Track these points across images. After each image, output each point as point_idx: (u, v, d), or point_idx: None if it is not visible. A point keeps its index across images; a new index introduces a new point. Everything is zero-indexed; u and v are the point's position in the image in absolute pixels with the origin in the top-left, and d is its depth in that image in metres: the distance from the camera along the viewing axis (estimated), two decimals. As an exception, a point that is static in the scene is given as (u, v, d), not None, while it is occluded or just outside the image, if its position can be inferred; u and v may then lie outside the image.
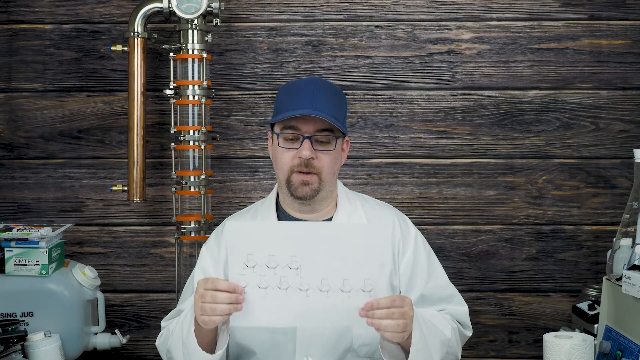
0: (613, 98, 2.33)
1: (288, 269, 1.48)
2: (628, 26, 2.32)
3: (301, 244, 1.48)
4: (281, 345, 1.71)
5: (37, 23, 2.35)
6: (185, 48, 2.19)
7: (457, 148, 2.35)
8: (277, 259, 1.48)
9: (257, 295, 1.50)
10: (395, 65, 2.34)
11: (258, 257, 1.48)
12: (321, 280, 1.48)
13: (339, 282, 1.48)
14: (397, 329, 1.48)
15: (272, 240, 1.48)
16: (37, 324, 2.04)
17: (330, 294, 1.48)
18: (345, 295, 1.48)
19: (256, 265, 1.48)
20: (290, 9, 2.34)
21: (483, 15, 2.33)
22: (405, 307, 1.50)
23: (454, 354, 1.70)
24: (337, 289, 1.48)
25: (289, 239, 1.48)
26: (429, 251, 1.82)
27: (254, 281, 1.49)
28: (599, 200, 2.35)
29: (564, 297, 2.37)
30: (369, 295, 1.48)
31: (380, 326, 1.48)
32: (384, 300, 1.48)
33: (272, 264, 1.48)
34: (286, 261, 1.48)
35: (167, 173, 2.34)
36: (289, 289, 1.49)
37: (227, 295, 1.49)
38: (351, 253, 1.47)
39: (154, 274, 2.40)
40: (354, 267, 1.47)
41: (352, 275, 1.48)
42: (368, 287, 1.48)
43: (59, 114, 2.37)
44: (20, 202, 2.39)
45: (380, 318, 1.47)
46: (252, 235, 1.49)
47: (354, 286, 1.48)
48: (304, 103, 1.66)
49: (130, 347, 2.39)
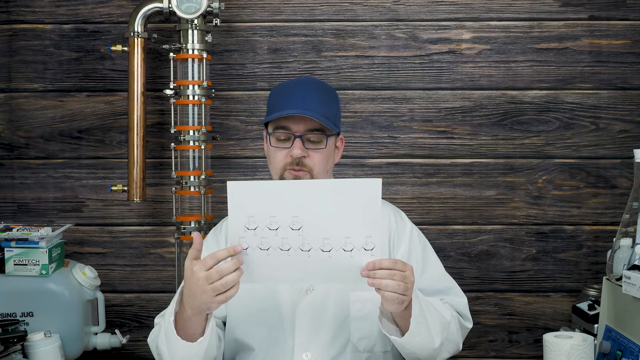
0: (613, 98, 2.33)
1: (290, 230, 1.46)
2: (628, 26, 2.32)
3: (302, 203, 1.46)
4: (280, 341, 1.71)
5: (37, 23, 2.35)
6: (185, 48, 2.19)
7: (457, 148, 2.35)
8: (278, 220, 1.46)
9: (259, 256, 1.48)
10: (395, 65, 2.34)
11: (259, 218, 1.47)
12: (323, 240, 1.47)
13: (340, 241, 1.47)
14: (397, 289, 1.46)
15: (273, 201, 1.47)
16: (37, 324, 2.04)
17: (333, 254, 1.47)
18: (348, 254, 1.47)
19: (257, 227, 1.47)
20: (290, 9, 2.34)
21: (483, 15, 2.33)
22: (407, 271, 1.49)
23: (454, 342, 1.69)
24: (339, 249, 1.47)
25: (290, 199, 1.46)
26: (425, 244, 1.82)
27: (255, 243, 1.48)
28: (599, 200, 2.35)
29: (564, 297, 2.37)
30: (370, 254, 1.47)
31: (381, 285, 1.46)
32: (386, 261, 1.48)
33: (274, 225, 1.47)
34: (287, 222, 1.46)
35: (167, 173, 2.34)
36: (291, 249, 1.48)
37: (231, 263, 1.47)
38: (351, 209, 1.46)
39: (154, 274, 2.40)
40: (354, 224, 1.46)
41: (354, 233, 1.46)
42: (370, 244, 1.47)
43: (59, 114, 2.37)
44: (20, 202, 2.39)
45: (381, 278, 1.47)
46: (254, 194, 1.47)
47: (356, 244, 1.47)
48: (294, 103, 1.69)
49: (130, 347, 2.39)
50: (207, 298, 1.48)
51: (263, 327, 1.72)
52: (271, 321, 1.72)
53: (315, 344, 1.70)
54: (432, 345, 1.59)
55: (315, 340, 1.70)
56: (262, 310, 1.73)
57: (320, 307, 1.71)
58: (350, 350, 1.72)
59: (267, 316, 1.73)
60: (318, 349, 1.70)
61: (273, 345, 1.72)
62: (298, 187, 1.50)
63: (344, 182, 1.51)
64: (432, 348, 1.60)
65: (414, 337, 1.56)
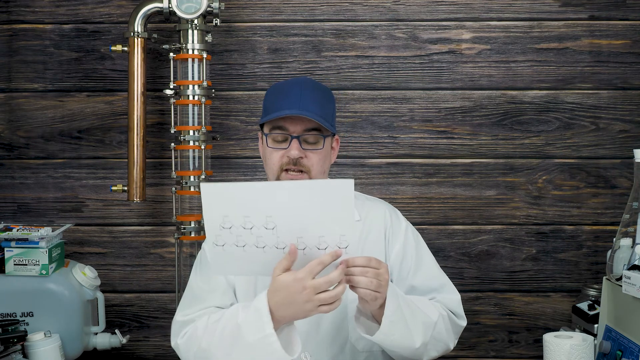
0: (613, 98, 2.33)
1: (264, 229, 1.47)
2: (628, 26, 2.32)
3: (275, 203, 1.46)
4: None
5: (37, 23, 2.35)
6: (185, 48, 2.19)
7: (457, 148, 2.35)
8: (252, 220, 1.46)
9: (236, 251, 1.49)
10: (395, 65, 2.34)
11: (233, 218, 1.47)
12: (297, 239, 1.47)
13: (314, 240, 1.47)
14: (370, 285, 1.48)
15: (246, 202, 1.46)
16: (37, 324, 2.04)
17: (307, 252, 1.48)
18: (322, 252, 1.48)
19: (232, 226, 1.47)
20: (290, 9, 2.34)
21: (483, 15, 2.33)
22: (381, 269, 1.50)
23: (442, 341, 1.67)
24: (313, 247, 1.47)
25: (263, 200, 1.46)
26: (419, 242, 1.82)
27: (231, 240, 1.48)
28: (599, 200, 2.35)
29: (564, 297, 2.37)
30: (345, 252, 1.48)
31: (353, 282, 1.48)
32: (359, 259, 1.49)
33: (248, 225, 1.47)
34: (261, 222, 1.46)
35: (167, 173, 2.34)
36: (266, 247, 1.48)
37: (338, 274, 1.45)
38: (324, 210, 1.46)
39: (154, 274, 2.40)
40: (328, 223, 1.46)
41: (327, 232, 1.47)
42: (344, 243, 1.47)
43: (59, 114, 2.37)
44: (20, 202, 2.39)
45: (354, 275, 1.48)
46: (226, 196, 1.47)
47: (330, 243, 1.47)
48: (291, 103, 1.67)
49: (130, 347, 2.39)
50: (310, 307, 1.45)
51: None
52: None
53: (313, 344, 1.70)
54: (412, 345, 1.59)
55: (314, 340, 1.70)
56: None
57: None
58: (349, 349, 1.72)
59: None
60: (317, 348, 1.70)
61: None
62: (270, 189, 1.50)
63: (316, 183, 1.52)
64: (413, 348, 1.60)
65: (388, 336, 1.56)
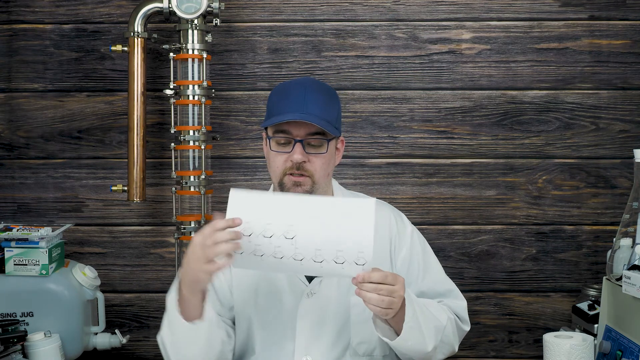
0: (613, 98, 2.33)
1: (283, 239, 1.48)
2: (628, 26, 2.32)
3: (298, 214, 1.48)
4: (280, 344, 1.71)
5: (37, 23, 2.35)
6: (185, 48, 2.19)
7: (457, 148, 2.35)
8: (272, 228, 1.48)
9: (253, 259, 1.50)
10: (395, 65, 2.34)
11: (254, 225, 1.48)
12: (315, 251, 1.48)
13: (332, 254, 1.48)
14: (380, 304, 1.49)
15: (269, 210, 1.49)
16: (37, 324, 2.04)
17: (324, 265, 1.49)
18: (339, 267, 1.49)
19: (252, 234, 1.48)
20: (290, 9, 2.34)
21: (483, 15, 2.33)
22: (397, 285, 1.51)
23: (449, 344, 1.69)
24: (330, 261, 1.49)
25: (286, 209, 1.49)
26: (425, 247, 1.82)
27: (250, 250, 1.49)
28: (599, 200, 2.35)
29: (564, 297, 2.37)
30: (361, 269, 1.49)
31: (365, 298, 1.49)
32: (376, 275, 1.49)
33: (268, 233, 1.48)
34: (282, 230, 1.48)
35: (167, 173, 2.34)
36: (284, 258, 1.49)
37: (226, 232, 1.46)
38: (346, 226, 1.48)
39: (154, 274, 2.40)
40: (348, 240, 1.48)
41: (346, 248, 1.48)
42: (361, 260, 1.48)
43: (59, 114, 2.37)
44: (20, 202, 2.38)
45: (367, 290, 1.49)
46: (252, 204, 1.49)
47: (347, 258, 1.48)
48: (294, 106, 1.65)
49: (130, 347, 2.39)
50: (198, 266, 1.48)
51: (263, 330, 1.72)
52: (272, 324, 1.72)
53: (315, 348, 1.70)
54: (425, 349, 1.61)
55: (315, 344, 1.70)
56: (263, 313, 1.73)
57: (320, 310, 1.71)
58: (350, 354, 1.72)
59: (268, 319, 1.72)
60: (318, 352, 1.70)
61: (273, 349, 1.71)
62: (296, 201, 1.52)
63: (340, 202, 1.55)
64: (425, 351, 1.62)
65: (406, 341, 1.58)
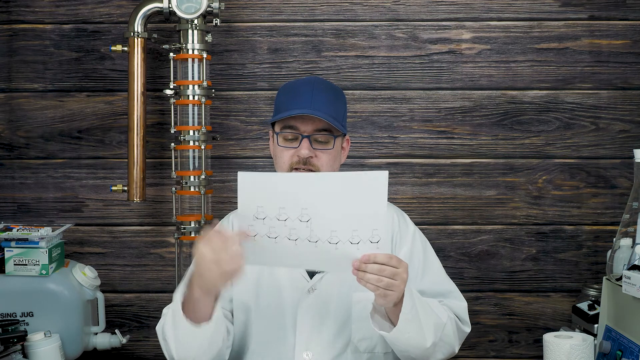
0: (613, 98, 2.33)
1: (298, 222, 1.47)
2: (628, 26, 2.32)
3: (311, 196, 1.47)
4: (281, 339, 1.72)
5: (37, 23, 2.35)
6: (185, 48, 2.19)
7: (457, 148, 2.35)
8: (287, 212, 1.47)
9: (267, 243, 1.50)
10: (395, 65, 2.34)
11: (268, 209, 1.47)
12: (331, 233, 1.48)
13: (348, 234, 1.48)
14: (379, 283, 1.48)
15: (283, 193, 1.48)
16: (37, 324, 2.04)
17: (340, 246, 1.48)
18: (354, 247, 1.48)
19: (266, 217, 1.48)
20: (290, 9, 2.34)
21: (483, 15, 2.33)
22: (400, 268, 1.50)
23: (449, 343, 1.68)
24: (346, 241, 1.48)
25: (299, 191, 1.48)
26: (427, 247, 1.83)
27: (264, 231, 1.49)
28: (599, 200, 2.35)
29: (564, 297, 2.37)
30: (376, 247, 1.48)
31: (364, 278, 1.48)
32: (380, 256, 1.49)
33: (282, 216, 1.48)
34: (296, 214, 1.47)
35: (167, 173, 2.34)
36: (299, 240, 1.49)
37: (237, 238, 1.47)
38: (357, 202, 1.47)
39: (154, 274, 2.40)
40: (361, 216, 1.47)
41: (361, 226, 1.47)
42: (375, 237, 1.48)
43: (59, 114, 2.37)
44: (20, 202, 2.38)
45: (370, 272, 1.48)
46: (262, 186, 1.49)
47: (363, 237, 1.48)
48: (302, 103, 1.68)
49: (130, 347, 2.39)
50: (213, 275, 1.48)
51: (262, 323, 1.72)
52: (273, 320, 1.73)
53: (316, 344, 1.70)
54: (424, 344, 1.60)
55: (316, 339, 1.70)
56: (264, 308, 1.73)
57: (322, 306, 1.71)
58: (351, 350, 1.72)
59: (269, 314, 1.73)
60: (319, 348, 1.70)
61: (274, 344, 1.72)
62: (307, 180, 1.52)
63: (351, 175, 1.51)
64: (424, 347, 1.60)
65: (403, 334, 1.56)
